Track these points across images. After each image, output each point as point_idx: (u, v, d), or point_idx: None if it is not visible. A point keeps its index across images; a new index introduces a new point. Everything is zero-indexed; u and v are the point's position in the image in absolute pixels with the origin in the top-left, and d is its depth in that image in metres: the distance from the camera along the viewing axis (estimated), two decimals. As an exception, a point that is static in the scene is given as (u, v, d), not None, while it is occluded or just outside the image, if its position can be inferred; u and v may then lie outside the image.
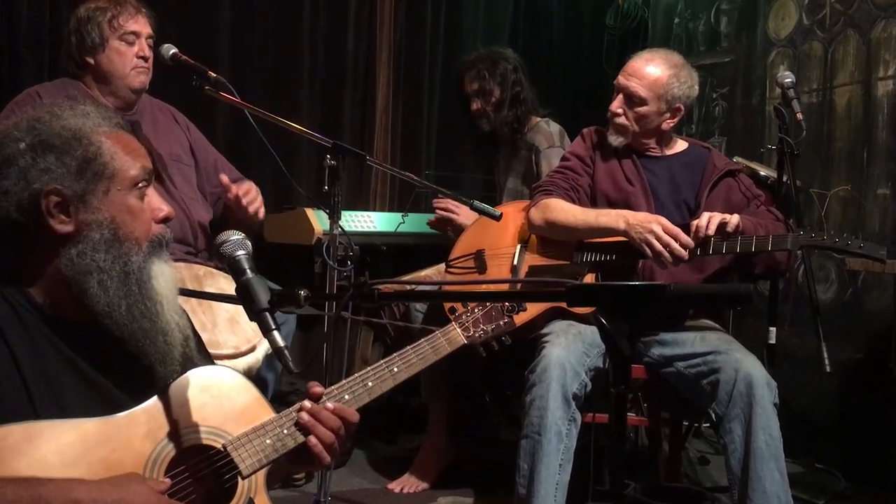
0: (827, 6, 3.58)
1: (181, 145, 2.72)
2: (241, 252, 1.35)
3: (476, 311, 1.70)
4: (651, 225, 2.38)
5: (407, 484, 2.94)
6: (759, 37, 3.92)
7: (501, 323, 1.73)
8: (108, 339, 1.29)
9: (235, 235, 1.37)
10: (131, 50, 2.50)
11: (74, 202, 1.28)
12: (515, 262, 2.66)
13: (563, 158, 2.81)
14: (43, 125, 1.31)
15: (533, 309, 2.45)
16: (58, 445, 1.18)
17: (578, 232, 2.57)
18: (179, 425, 1.30)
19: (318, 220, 3.34)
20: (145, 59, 2.53)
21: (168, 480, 1.26)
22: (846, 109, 3.49)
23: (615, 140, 2.64)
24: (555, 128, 3.32)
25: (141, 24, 2.51)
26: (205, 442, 1.32)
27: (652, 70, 2.57)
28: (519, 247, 2.68)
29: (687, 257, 2.35)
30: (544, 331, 2.45)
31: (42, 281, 1.30)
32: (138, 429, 1.27)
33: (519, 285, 2.51)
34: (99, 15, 2.48)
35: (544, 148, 3.22)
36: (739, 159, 3.26)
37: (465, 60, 3.38)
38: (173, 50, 2.45)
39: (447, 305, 1.70)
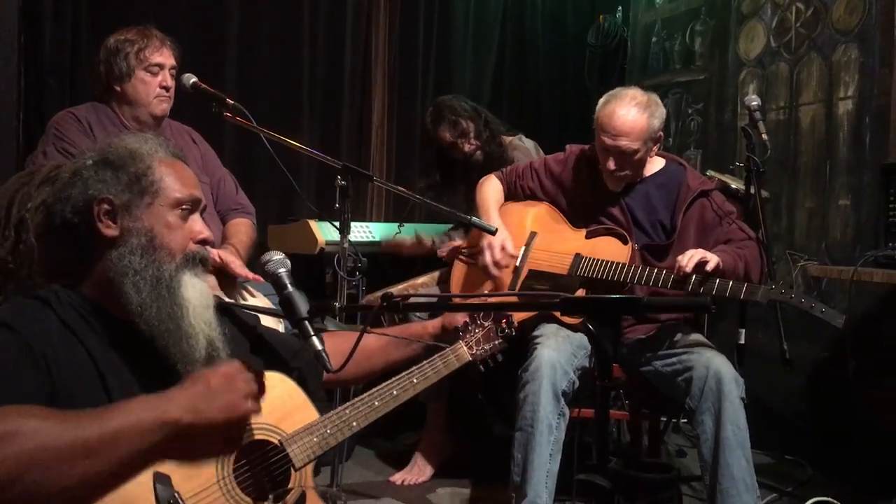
0: (792, 30, 3.83)
1: (197, 164, 2.91)
2: (282, 269, 1.58)
3: (478, 331, 1.95)
4: (491, 239, 2.74)
5: (408, 476, 3.16)
6: (731, 57, 4.17)
7: (496, 343, 1.98)
8: (143, 337, 1.45)
9: (277, 255, 1.60)
10: (155, 80, 2.70)
11: (121, 210, 1.48)
12: (518, 263, 2.85)
13: (534, 162, 3.05)
14: (109, 147, 1.54)
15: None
16: None
17: (478, 210, 2.92)
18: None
19: (321, 231, 3.53)
20: (167, 88, 2.72)
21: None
22: (810, 126, 3.74)
23: (617, 188, 2.79)
24: (529, 143, 3.65)
25: (165, 57, 2.72)
26: (263, 437, 1.52)
27: (633, 122, 2.65)
28: (523, 249, 2.86)
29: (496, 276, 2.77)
30: (536, 333, 2.65)
31: (91, 280, 1.49)
32: None
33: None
34: (127, 46, 2.67)
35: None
36: (712, 173, 3.51)
37: (430, 121, 3.59)
38: (194, 79, 2.63)
39: (459, 321, 1.95)
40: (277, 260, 1.59)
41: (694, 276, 2.48)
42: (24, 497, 1.21)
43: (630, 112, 2.66)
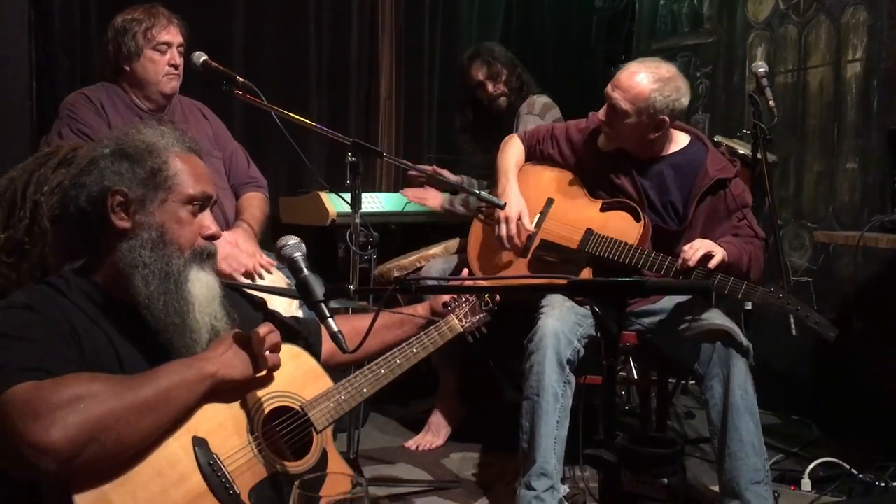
0: (801, -8, 3.83)
1: (209, 140, 2.92)
2: (298, 254, 1.62)
3: (465, 305, 2.12)
4: (508, 211, 2.73)
5: (422, 442, 3.25)
6: (739, 19, 4.15)
7: (481, 316, 2.15)
8: (151, 326, 1.51)
9: (293, 240, 1.64)
10: (163, 58, 2.71)
11: (134, 204, 1.52)
12: (532, 229, 2.86)
13: (556, 127, 3.03)
14: (127, 137, 1.57)
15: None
16: None
17: (497, 172, 2.94)
18: (272, 388, 1.61)
19: (332, 203, 3.54)
20: (176, 66, 2.74)
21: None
22: (818, 89, 3.75)
23: (605, 145, 2.80)
24: (541, 100, 3.61)
25: (173, 35, 2.72)
26: (286, 404, 1.63)
27: (634, 83, 2.61)
28: (538, 216, 2.85)
29: (510, 248, 2.77)
30: (542, 303, 2.68)
31: (103, 270, 1.54)
32: None
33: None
34: (135, 26, 2.68)
35: (524, 114, 3.55)
36: (720, 138, 3.51)
37: (466, 57, 3.69)
38: (204, 57, 2.63)
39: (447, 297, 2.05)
40: (293, 244, 1.63)
41: (696, 270, 2.50)
42: (99, 455, 1.31)
43: (639, 74, 2.63)
